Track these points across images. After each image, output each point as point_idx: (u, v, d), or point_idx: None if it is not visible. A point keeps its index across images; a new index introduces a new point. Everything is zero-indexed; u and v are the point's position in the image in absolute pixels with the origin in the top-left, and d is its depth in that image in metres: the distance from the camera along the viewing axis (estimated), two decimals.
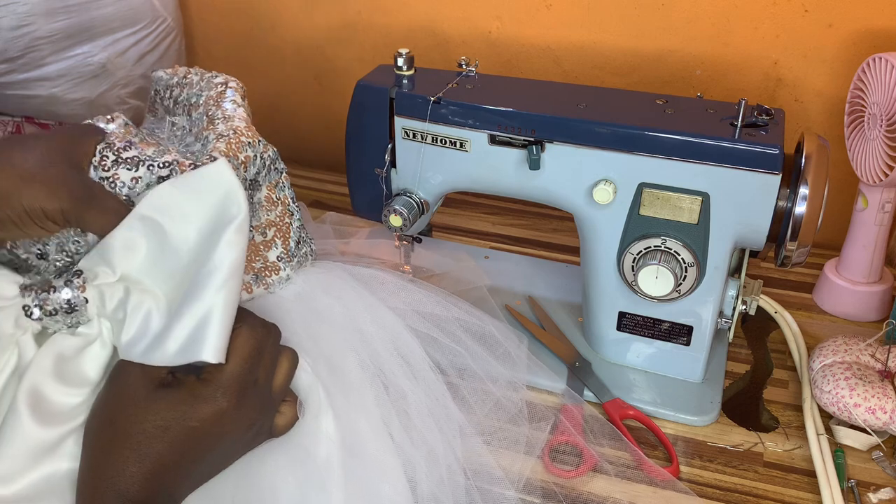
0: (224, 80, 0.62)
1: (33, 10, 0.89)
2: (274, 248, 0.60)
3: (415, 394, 0.60)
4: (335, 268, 0.65)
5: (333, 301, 0.62)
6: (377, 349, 0.61)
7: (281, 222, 0.61)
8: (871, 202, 0.78)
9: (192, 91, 0.63)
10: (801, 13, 0.88)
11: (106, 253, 0.49)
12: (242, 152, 0.56)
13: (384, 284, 0.65)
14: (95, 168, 0.51)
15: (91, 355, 0.49)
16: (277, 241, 0.60)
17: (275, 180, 0.60)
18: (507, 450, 0.63)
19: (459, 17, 1.03)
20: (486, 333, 0.68)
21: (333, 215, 0.88)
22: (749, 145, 0.62)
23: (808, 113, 0.93)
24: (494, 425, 0.64)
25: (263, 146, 0.58)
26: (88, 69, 0.97)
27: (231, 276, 0.49)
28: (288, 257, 0.61)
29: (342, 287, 0.63)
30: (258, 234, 0.60)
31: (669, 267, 0.66)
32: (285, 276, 0.61)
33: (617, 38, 0.97)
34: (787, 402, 0.72)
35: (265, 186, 0.59)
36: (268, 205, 0.60)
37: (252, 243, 0.59)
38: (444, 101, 0.69)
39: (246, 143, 0.56)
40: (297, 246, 0.62)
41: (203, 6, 1.17)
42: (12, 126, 0.96)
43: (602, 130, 0.65)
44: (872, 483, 0.63)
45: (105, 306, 0.49)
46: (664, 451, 0.66)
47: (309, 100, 1.19)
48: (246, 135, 0.57)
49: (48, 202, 0.47)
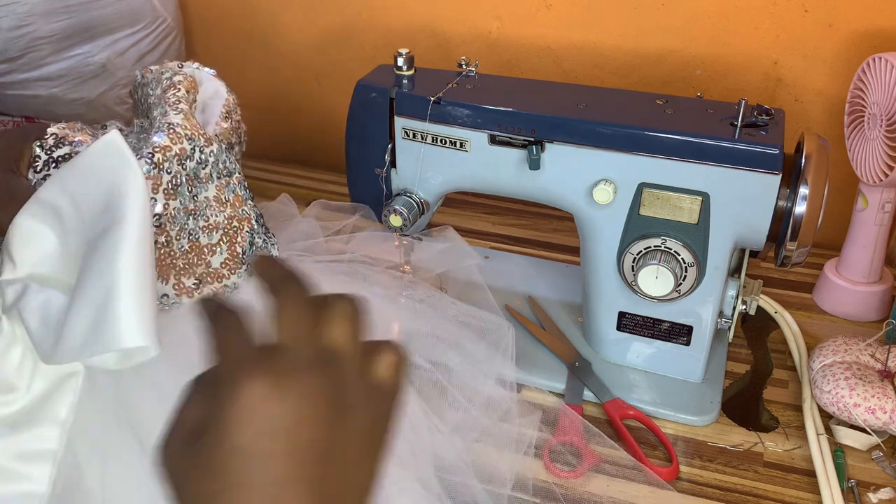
0: (171, 73, 0.60)
1: (33, 10, 0.89)
2: (219, 252, 0.57)
3: None
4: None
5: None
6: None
7: (228, 226, 0.58)
8: (871, 202, 0.78)
9: (146, 91, 0.62)
10: (801, 13, 0.88)
11: (7, 246, 0.47)
12: (178, 144, 0.54)
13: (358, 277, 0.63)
14: (31, 170, 0.51)
15: (13, 359, 0.46)
16: (223, 245, 0.57)
17: (224, 180, 0.58)
18: (498, 448, 0.63)
19: (459, 17, 1.03)
20: (471, 324, 0.67)
21: (319, 204, 0.85)
22: (749, 145, 0.62)
23: (808, 113, 0.93)
24: (483, 422, 0.64)
25: (205, 140, 0.56)
26: (88, 69, 0.97)
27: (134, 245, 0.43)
28: (234, 264, 0.58)
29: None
30: (203, 236, 0.56)
31: (669, 267, 0.66)
32: (231, 283, 0.58)
33: (617, 38, 0.97)
34: (787, 402, 0.72)
35: (213, 186, 0.57)
36: (216, 205, 0.57)
37: (196, 245, 0.56)
38: (444, 101, 0.69)
39: (182, 136, 0.54)
40: (250, 251, 0.59)
41: (203, 6, 1.17)
42: (12, 126, 0.96)
43: (602, 130, 0.65)
44: (872, 483, 0.63)
45: (6, 302, 0.46)
46: (664, 451, 0.66)
47: (309, 100, 1.19)
48: (183, 126, 0.55)
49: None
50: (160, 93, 0.59)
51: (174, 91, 0.58)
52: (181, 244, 0.55)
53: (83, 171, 0.47)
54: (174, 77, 0.60)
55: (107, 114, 1.01)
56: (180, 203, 0.55)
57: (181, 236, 0.55)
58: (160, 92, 0.59)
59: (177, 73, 0.61)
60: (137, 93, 0.65)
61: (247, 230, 0.59)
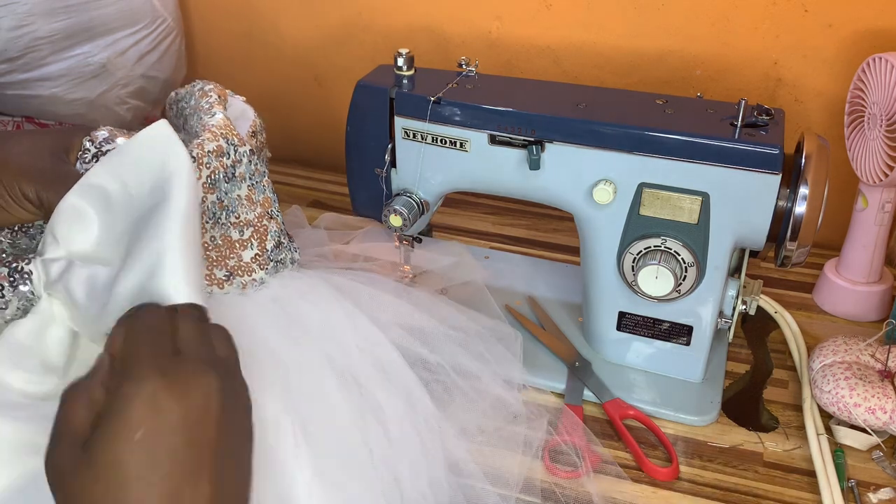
0: (202, 84, 0.64)
1: (33, 10, 0.89)
2: (250, 248, 0.60)
3: (394, 407, 0.59)
4: (314, 276, 0.64)
5: (311, 307, 0.61)
6: (355, 358, 0.59)
7: (259, 224, 0.61)
8: (871, 202, 0.78)
9: (181, 105, 0.65)
10: (801, 13, 0.88)
11: (52, 226, 0.48)
12: (214, 141, 0.57)
13: (371, 296, 0.65)
14: (80, 161, 0.54)
15: (51, 338, 0.48)
16: (254, 241, 0.60)
17: (255, 180, 0.60)
18: (505, 450, 0.63)
19: (459, 17, 1.03)
20: (480, 333, 0.68)
21: (328, 217, 0.87)
22: (749, 145, 0.62)
23: (808, 113, 0.93)
24: (492, 425, 0.64)
25: (239, 140, 0.58)
26: (88, 69, 0.97)
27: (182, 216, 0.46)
28: (264, 260, 0.61)
29: (320, 294, 0.62)
30: (235, 231, 0.59)
31: (669, 267, 0.66)
32: (259, 278, 0.60)
33: (617, 38, 0.97)
34: (787, 402, 0.72)
35: (245, 185, 0.60)
36: (248, 203, 0.60)
37: (228, 239, 0.59)
38: (444, 101, 0.69)
39: (219, 134, 0.57)
40: (276, 250, 0.61)
41: (203, 6, 1.17)
42: (12, 126, 0.96)
43: (602, 130, 0.65)
44: (872, 483, 0.63)
45: (49, 278, 0.48)
46: (664, 451, 0.66)
47: (309, 100, 1.19)
48: (219, 126, 0.58)
49: (25, 184, 0.50)
50: (193, 103, 0.62)
51: (207, 99, 0.62)
52: (214, 237, 0.58)
53: (131, 155, 0.49)
54: (205, 86, 0.63)
55: (107, 114, 1.01)
56: (217, 197, 0.57)
57: (214, 229, 0.58)
58: (193, 102, 0.62)
59: (207, 83, 0.64)
60: (172, 109, 0.68)
61: (275, 230, 0.62)
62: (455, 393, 0.65)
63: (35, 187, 0.51)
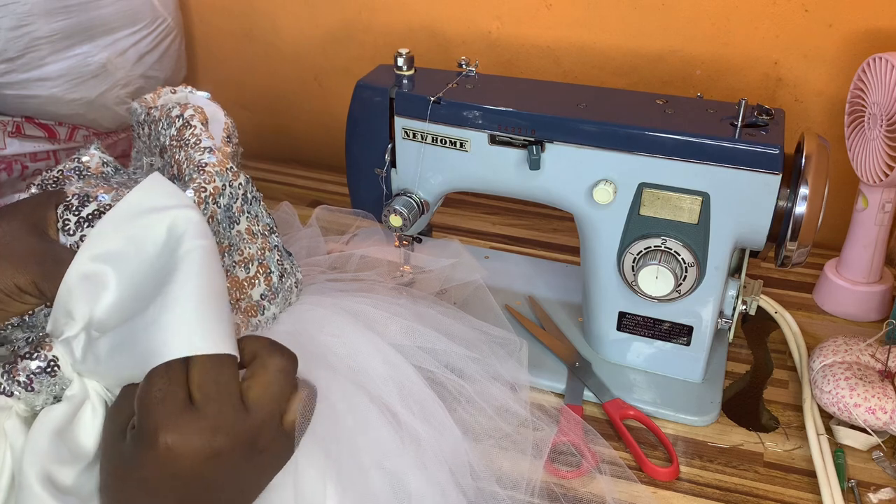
0: (180, 111, 0.58)
1: (33, 10, 0.89)
2: (257, 285, 0.57)
3: (431, 440, 0.57)
4: (325, 302, 0.62)
5: (333, 340, 0.58)
6: (385, 390, 0.57)
7: (262, 256, 0.58)
8: (871, 202, 0.78)
9: (157, 129, 0.60)
10: (801, 13, 0.88)
11: (63, 304, 0.45)
12: (210, 184, 0.53)
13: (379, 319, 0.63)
14: (61, 233, 0.49)
15: (84, 423, 0.45)
16: (260, 277, 0.57)
17: (254, 212, 0.58)
18: (515, 452, 0.63)
19: (459, 17, 1.03)
20: (487, 341, 0.68)
21: (321, 212, 0.85)
22: (749, 145, 0.62)
23: (808, 113, 0.93)
24: (501, 430, 0.64)
25: (233, 174, 0.55)
26: (88, 69, 0.97)
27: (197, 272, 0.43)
28: (272, 294, 0.58)
29: (338, 324, 0.60)
30: (241, 269, 0.57)
31: (669, 267, 0.66)
32: (271, 315, 0.58)
33: (617, 38, 0.97)
34: (787, 402, 0.72)
35: (244, 218, 0.57)
36: (248, 237, 0.57)
37: (235, 279, 0.56)
38: (444, 101, 0.69)
39: (213, 174, 0.54)
40: (281, 280, 0.59)
41: (203, 6, 1.17)
42: (12, 126, 0.96)
43: (602, 130, 0.65)
44: (872, 483, 0.63)
45: (75, 357, 0.45)
46: (664, 452, 0.66)
47: (308, 100, 1.19)
48: (212, 164, 0.54)
49: (19, 277, 0.45)
50: (175, 133, 0.58)
51: (191, 130, 0.57)
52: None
53: (130, 212, 0.46)
54: (185, 113, 0.58)
55: (106, 114, 1.01)
56: (218, 241, 0.54)
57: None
58: (175, 132, 0.58)
59: (185, 106, 0.59)
60: (142, 129, 0.63)
61: (277, 258, 0.59)
62: (461, 396, 0.64)
63: (29, 278, 0.46)
